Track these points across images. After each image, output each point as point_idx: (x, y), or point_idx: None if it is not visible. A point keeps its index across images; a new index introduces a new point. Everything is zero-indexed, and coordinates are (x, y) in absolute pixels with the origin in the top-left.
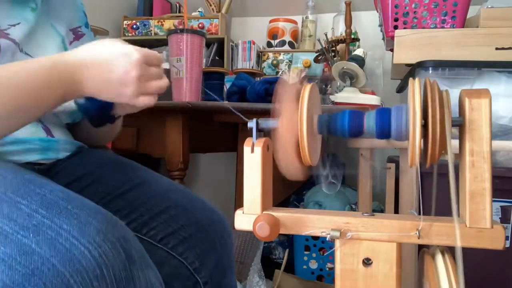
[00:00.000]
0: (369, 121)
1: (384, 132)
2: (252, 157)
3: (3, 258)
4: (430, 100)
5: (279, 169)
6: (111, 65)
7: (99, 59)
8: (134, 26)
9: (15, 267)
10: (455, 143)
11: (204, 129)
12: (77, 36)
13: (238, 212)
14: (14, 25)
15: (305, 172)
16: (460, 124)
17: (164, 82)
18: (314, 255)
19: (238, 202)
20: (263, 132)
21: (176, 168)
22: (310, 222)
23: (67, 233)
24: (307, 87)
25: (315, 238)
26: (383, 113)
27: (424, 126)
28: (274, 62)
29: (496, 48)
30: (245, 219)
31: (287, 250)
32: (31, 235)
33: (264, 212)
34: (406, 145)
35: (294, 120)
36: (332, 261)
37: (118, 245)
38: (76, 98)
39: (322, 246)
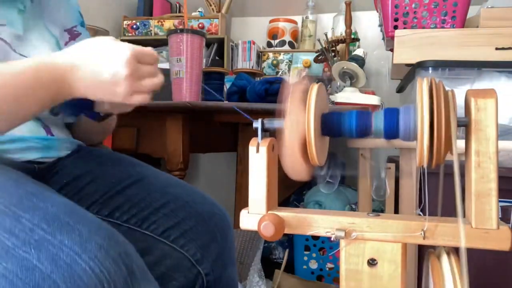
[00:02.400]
0: (377, 121)
1: (392, 132)
2: (258, 157)
3: (4, 274)
4: (435, 100)
5: (284, 170)
6: (102, 65)
7: (89, 58)
8: (134, 26)
9: (16, 283)
10: (461, 143)
11: (204, 129)
12: (73, 36)
13: (243, 212)
14: (2, 25)
15: (310, 172)
16: (466, 124)
17: (158, 79)
18: (314, 255)
19: (238, 202)
20: (268, 132)
21: (176, 168)
22: (315, 222)
23: (69, 249)
24: (315, 87)
25: (315, 238)
26: (391, 114)
27: (430, 126)
28: (274, 62)
29: (496, 48)
30: (250, 219)
31: (287, 250)
32: (33, 250)
33: (269, 212)
34: (407, 145)
35: (300, 120)
36: (332, 261)
37: (120, 261)
38: (67, 99)
39: (322, 246)
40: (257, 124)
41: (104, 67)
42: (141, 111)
